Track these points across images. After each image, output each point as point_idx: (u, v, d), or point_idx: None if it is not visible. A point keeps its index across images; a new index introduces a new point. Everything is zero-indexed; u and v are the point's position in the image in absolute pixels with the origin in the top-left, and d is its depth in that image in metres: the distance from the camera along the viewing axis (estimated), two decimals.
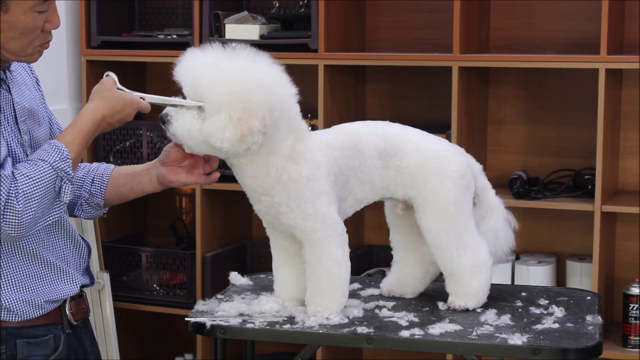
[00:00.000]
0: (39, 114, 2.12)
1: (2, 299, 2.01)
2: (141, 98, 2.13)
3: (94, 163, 2.31)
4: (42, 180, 1.95)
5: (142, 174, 2.24)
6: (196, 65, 2.07)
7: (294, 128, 2.10)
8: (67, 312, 2.11)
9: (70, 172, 1.98)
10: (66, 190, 1.98)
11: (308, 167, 2.10)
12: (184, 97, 2.11)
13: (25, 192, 1.92)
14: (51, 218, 1.99)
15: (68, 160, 1.98)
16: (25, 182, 1.93)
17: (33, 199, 1.93)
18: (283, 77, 2.09)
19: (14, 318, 2.02)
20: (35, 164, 1.96)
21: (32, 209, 1.93)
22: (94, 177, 2.25)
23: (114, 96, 2.07)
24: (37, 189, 1.94)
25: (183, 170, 2.21)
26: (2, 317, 2.01)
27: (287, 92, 2.09)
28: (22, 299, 2.02)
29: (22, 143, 2.05)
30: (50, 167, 1.96)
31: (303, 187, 2.09)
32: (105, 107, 2.05)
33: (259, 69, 2.05)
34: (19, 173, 1.93)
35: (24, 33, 1.96)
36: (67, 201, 2.00)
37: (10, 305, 2.02)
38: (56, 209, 1.99)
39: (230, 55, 2.06)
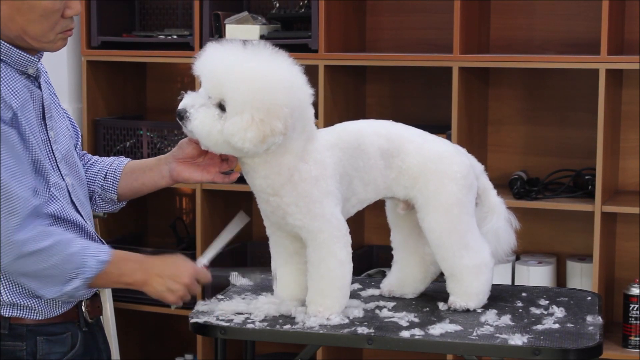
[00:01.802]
0: (53, 107, 2.12)
1: (23, 297, 2.01)
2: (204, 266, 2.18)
3: (109, 157, 2.30)
4: (68, 256, 1.96)
5: (153, 169, 2.23)
6: (218, 62, 2.04)
7: (308, 128, 2.10)
8: (84, 310, 2.11)
9: (90, 275, 1.98)
10: (74, 285, 1.97)
11: (317, 167, 2.10)
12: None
13: (51, 246, 1.93)
14: (43, 291, 1.97)
15: (100, 265, 1.99)
16: (60, 242, 1.94)
17: (48, 257, 1.94)
18: (303, 77, 2.08)
19: (35, 316, 2.03)
20: (79, 243, 1.99)
21: (40, 263, 1.93)
22: (106, 172, 2.25)
23: (159, 294, 2.07)
24: (58, 255, 1.95)
25: (198, 168, 2.20)
26: (22, 315, 2.02)
27: (306, 93, 2.08)
28: (42, 299, 2.03)
29: (49, 139, 2.05)
30: (83, 257, 1.98)
31: (312, 187, 2.09)
32: (147, 289, 2.07)
33: (282, 69, 2.04)
34: (62, 235, 1.96)
35: (44, 15, 1.96)
36: (69, 295, 1.99)
37: (30, 303, 2.02)
38: (52, 289, 1.97)
39: (252, 54, 2.04)
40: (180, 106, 2.08)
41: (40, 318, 2.03)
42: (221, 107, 2.03)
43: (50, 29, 1.99)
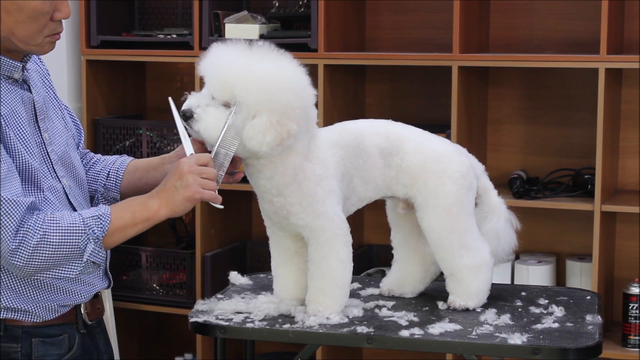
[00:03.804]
0: (50, 108, 2.11)
1: (19, 301, 2.01)
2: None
3: (112, 156, 2.29)
4: (67, 228, 1.93)
5: (157, 168, 2.23)
6: (227, 64, 2.03)
7: (311, 128, 2.10)
8: (82, 312, 2.11)
9: (99, 233, 1.95)
10: (89, 250, 1.95)
11: (320, 166, 2.10)
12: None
13: (45, 233, 1.91)
14: (67, 272, 1.97)
15: (104, 223, 1.96)
16: (50, 225, 1.92)
17: (50, 243, 1.92)
18: (308, 79, 2.07)
19: (31, 319, 2.02)
20: (71, 215, 1.95)
21: (45, 252, 1.91)
22: (109, 172, 2.24)
23: (185, 200, 2.01)
24: (57, 234, 1.92)
25: None
26: (18, 318, 2.01)
27: (311, 94, 2.08)
28: (39, 303, 2.02)
29: (43, 141, 2.03)
30: (82, 222, 1.95)
31: (316, 186, 2.09)
32: (170, 211, 2.02)
33: (290, 71, 2.04)
34: (49, 217, 1.92)
35: (32, 17, 1.94)
36: (90, 261, 1.97)
37: (27, 307, 2.01)
38: (75, 265, 1.96)
39: (260, 55, 2.03)
40: (185, 106, 2.07)
41: (37, 320, 2.02)
42: (228, 107, 2.02)
43: (38, 31, 1.96)
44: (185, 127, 2.09)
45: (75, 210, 2.07)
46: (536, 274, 3.47)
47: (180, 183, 2.00)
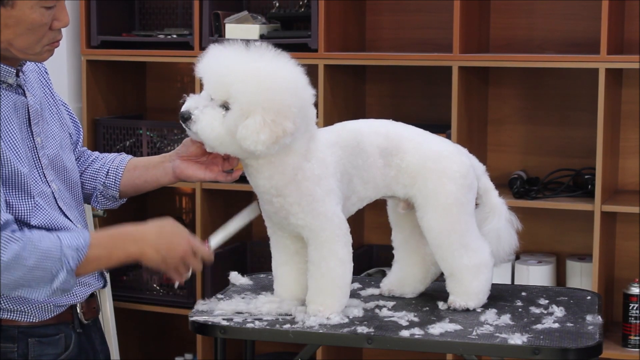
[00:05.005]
0: (46, 111, 2.11)
1: (15, 302, 2.00)
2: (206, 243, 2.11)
3: (111, 154, 2.29)
4: (44, 253, 1.89)
5: (156, 166, 2.23)
6: (223, 63, 2.04)
7: (310, 128, 2.10)
8: (79, 312, 2.10)
9: (72, 264, 1.91)
10: (61, 279, 1.90)
11: (319, 165, 2.10)
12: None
13: (20, 252, 1.86)
14: (35, 295, 1.92)
15: (80, 256, 1.92)
16: (28, 245, 1.87)
17: (24, 265, 1.87)
18: (305, 78, 2.08)
19: (27, 319, 2.02)
20: (50, 238, 1.91)
21: (17, 271, 1.87)
22: (108, 169, 2.24)
23: (158, 266, 2.00)
24: (33, 256, 1.88)
25: (201, 167, 2.19)
26: (14, 318, 2.01)
27: (309, 93, 2.08)
28: (35, 303, 2.01)
29: (35, 146, 2.03)
30: (60, 249, 1.90)
31: (315, 186, 2.09)
32: (142, 260, 1.99)
33: (286, 70, 2.04)
34: (28, 237, 1.88)
35: (31, 29, 1.94)
36: (60, 288, 1.92)
37: (23, 307, 2.01)
38: (43, 290, 1.91)
39: (256, 55, 2.04)
40: (184, 108, 2.07)
41: (33, 320, 2.02)
42: (225, 107, 2.03)
43: (37, 41, 1.96)
44: (184, 128, 2.10)
45: (64, 214, 2.06)
46: (536, 274, 3.47)
47: (168, 256, 1.99)
